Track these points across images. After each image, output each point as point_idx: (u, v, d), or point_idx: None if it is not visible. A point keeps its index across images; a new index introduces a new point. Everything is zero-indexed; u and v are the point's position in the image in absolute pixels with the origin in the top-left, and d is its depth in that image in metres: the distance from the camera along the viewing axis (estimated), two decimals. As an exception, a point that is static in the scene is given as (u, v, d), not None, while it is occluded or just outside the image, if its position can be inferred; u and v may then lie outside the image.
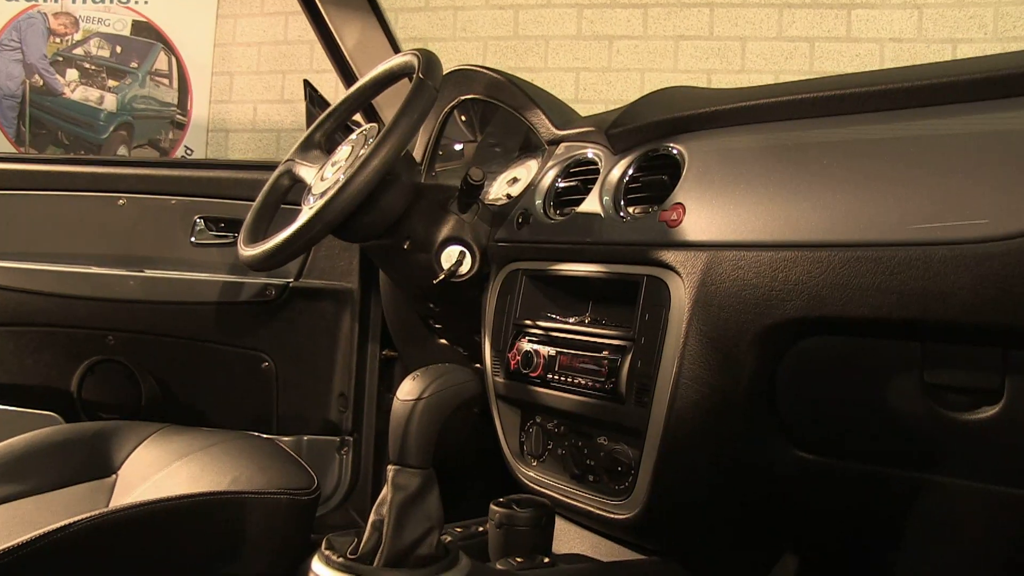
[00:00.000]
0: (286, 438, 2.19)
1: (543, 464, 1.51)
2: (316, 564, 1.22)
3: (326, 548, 1.23)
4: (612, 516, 1.33)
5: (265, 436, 1.66)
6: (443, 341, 1.97)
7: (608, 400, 1.33)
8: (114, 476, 1.61)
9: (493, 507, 1.37)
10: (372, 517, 1.26)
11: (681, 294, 1.25)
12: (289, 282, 2.20)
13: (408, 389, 1.24)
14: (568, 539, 1.47)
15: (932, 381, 1.07)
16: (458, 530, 1.44)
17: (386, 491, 1.25)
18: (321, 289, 2.22)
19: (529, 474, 1.52)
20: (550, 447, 1.50)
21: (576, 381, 1.39)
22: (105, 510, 1.18)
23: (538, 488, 1.49)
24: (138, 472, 1.57)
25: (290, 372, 2.25)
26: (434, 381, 1.24)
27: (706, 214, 1.26)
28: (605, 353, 1.35)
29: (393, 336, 2.18)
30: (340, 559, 1.20)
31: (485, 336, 1.62)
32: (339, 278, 2.23)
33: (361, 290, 2.22)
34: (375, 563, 1.21)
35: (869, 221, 1.08)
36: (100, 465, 1.63)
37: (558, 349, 1.44)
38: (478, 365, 1.86)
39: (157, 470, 1.53)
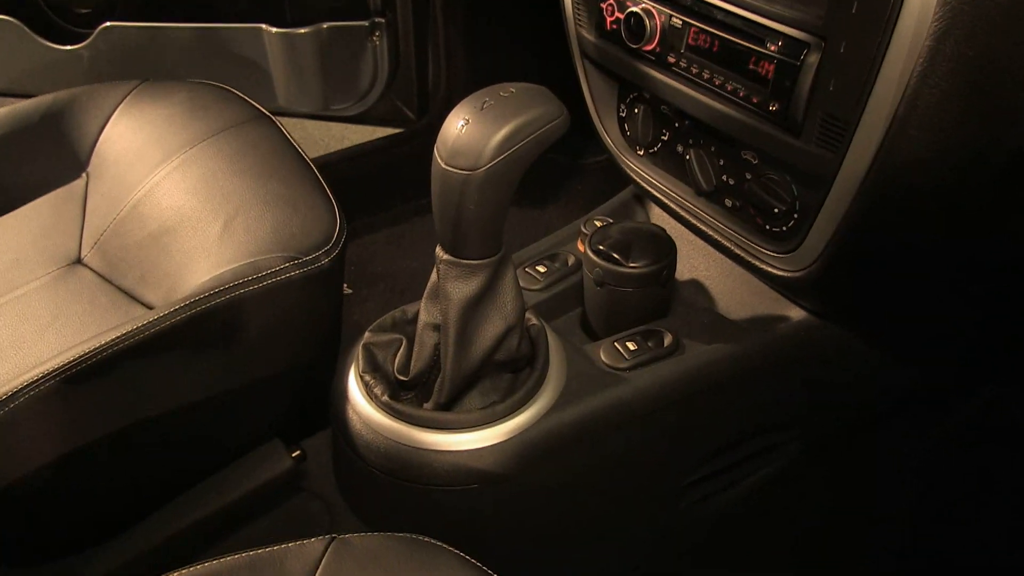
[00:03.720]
0: (303, 30, 1.70)
1: (655, 158, 1.07)
2: (354, 391, 0.90)
3: (365, 370, 0.90)
4: (767, 268, 0.93)
5: (269, 113, 1.20)
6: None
7: (771, 124, 0.85)
8: (83, 177, 1.22)
9: (591, 256, 0.98)
10: (423, 317, 0.90)
11: (929, -22, 0.68)
12: None
13: (454, 147, 0.78)
14: (690, 260, 1.09)
15: None
16: (540, 270, 1.07)
17: (436, 281, 0.87)
18: None
19: (637, 168, 1.09)
20: (665, 138, 1.04)
21: (715, 80, 0.88)
22: (86, 352, 0.83)
23: (651, 190, 1.07)
24: (109, 176, 1.18)
25: (291, -66, 1.67)
26: (498, 133, 0.77)
27: None
28: (772, 48, 0.82)
29: None
30: (385, 396, 0.88)
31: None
32: None
33: None
34: (434, 396, 0.88)
35: None
36: (65, 163, 1.23)
37: (685, 19, 0.90)
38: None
39: (131, 183, 1.13)
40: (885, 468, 1.15)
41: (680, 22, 0.90)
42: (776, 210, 0.90)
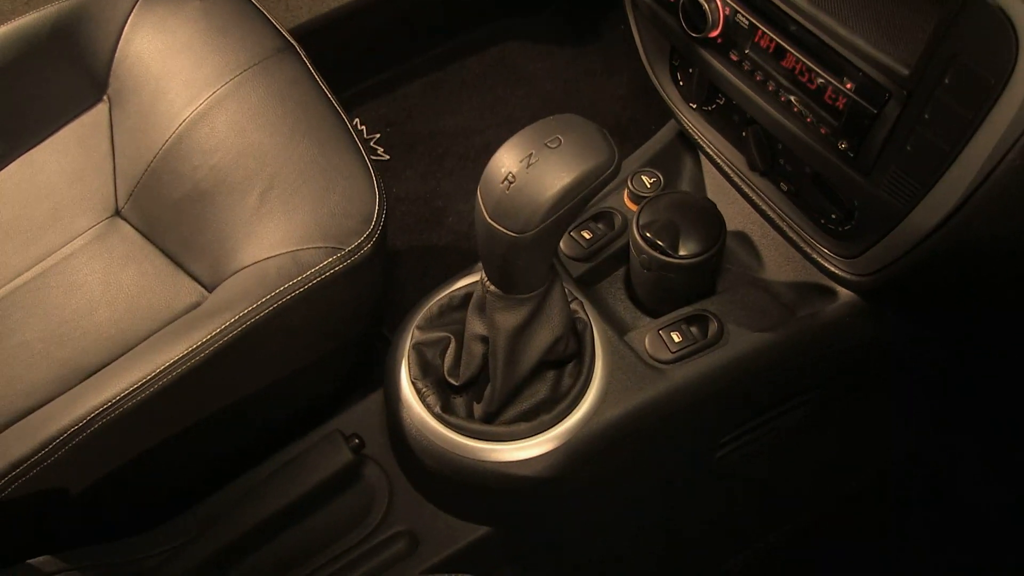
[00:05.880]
0: None
1: (710, 116, 1.00)
2: (408, 396, 0.93)
3: (416, 376, 0.92)
4: (822, 263, 0.91)
5: (292, 40, 1.10)
6: None
7: (837, 157, 0.79)
8: (105, 102, 1.17)
9: (639, 240, 0.95)
10: (470, 328, 0.90)
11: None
12: None
13: (499, 205, 0.74)
14: (739, 218, 1.06)
15: None
16: (586, 236, 1.04)
17: (481, 295, 0.86)
18: None
19: (690, 123, 1.02)
20: (720, 103, 0.97)
21: (780, 95, 0.80)
22: (152, 374, 0.88)
23: (705, 147, 1.01)
24: (133, 109, 1.12)
25: None
26: (546, 198, 0.73)
27: None
28: (848, 85, 0.74)
29: None
30: (437, 407, 0.90)
31: None
32: None
33: None
34: (483, 404, 0.90)
35: None
36: (82, 85, 1.17)
37: (752, 20, 0.80)
38: None
39: (159, 125, 1.08)
40: (899, 410, 1.19)
41: (747, 22, 0.80)
42: (833, 216, 0.86)
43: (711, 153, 1.00)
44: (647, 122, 1.60)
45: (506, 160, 0.74)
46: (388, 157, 1.63)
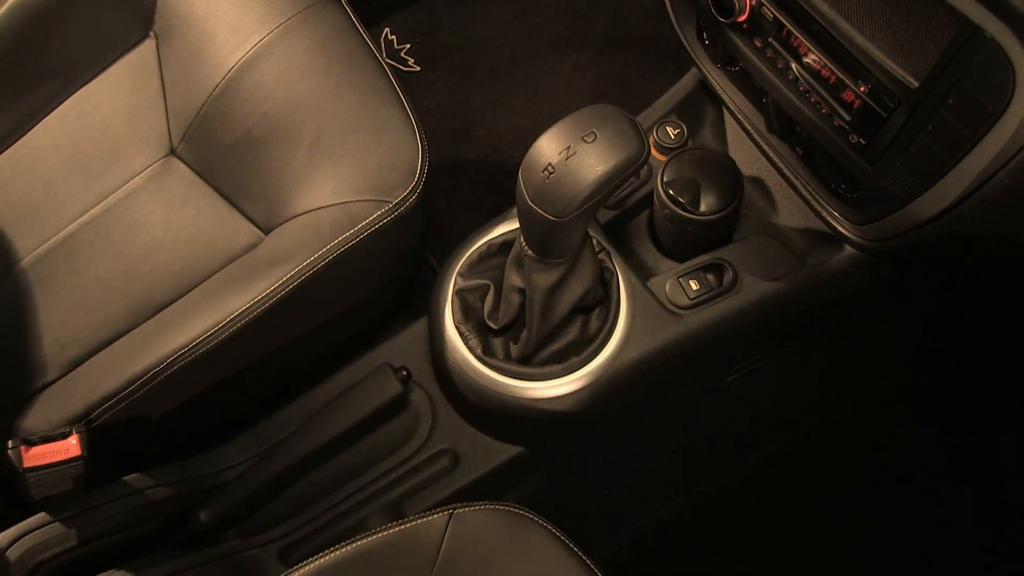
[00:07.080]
0: None
1: (733, 76, 1.05)
2: (452, 336, 1.03)
3: (460, 321, 1.03)
4: (833, 224, 0.99)
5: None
6: None
7: (848, 146, 0.85)
8: (152, 38, 1.21)
9: (662, 195, 1.03)
10: (508, 281, 1.00)
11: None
12: None
13: (539, 192, 0.83)
14: (756, 165, 1.12)
15: None
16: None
17: (519, 252, 0.95)
18: None
19: (715, 80, 1.07)
20: (740, 67, 1.02)
21: (800, 85, 0.86)
22: (222, 322, 0.99)
23: (727, 103, 1.07)
24: (181, 49, 1.16)
25: None
26: (583, 187, 0.82)
27: None
28: (862, 88, 0.80)
29: None
30: (479, 349, 1.01)
31: None
32: None
33: None
34: (520, 347, 1.01)
35: None
36: (129, 21, 1.21)
37: (777, 15, 0.84)
38: None
39: (208, 70, 1.13)
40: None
41: (771, 15, 0.85)
42: (842, 186, 0.93)
43: (732, 109, 1.06)
44: (673, 38, 1.62)
45: (546, 151, 0.82)
46: (419, 68, 1.67)
